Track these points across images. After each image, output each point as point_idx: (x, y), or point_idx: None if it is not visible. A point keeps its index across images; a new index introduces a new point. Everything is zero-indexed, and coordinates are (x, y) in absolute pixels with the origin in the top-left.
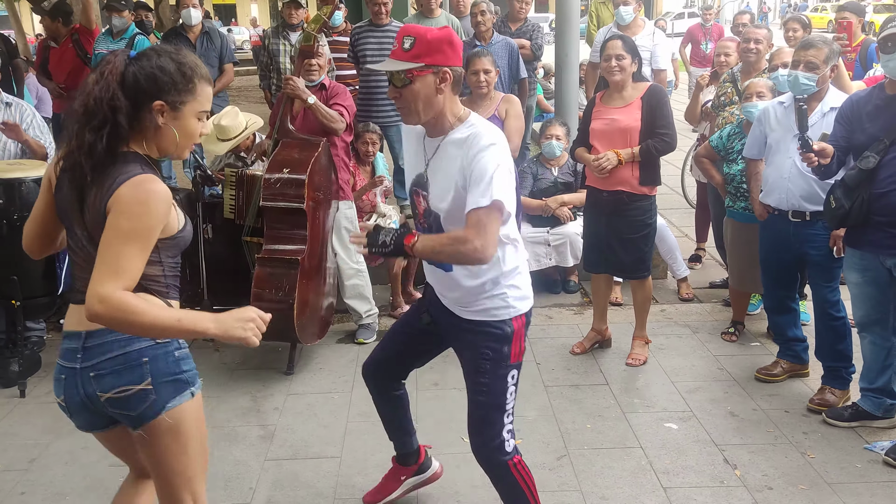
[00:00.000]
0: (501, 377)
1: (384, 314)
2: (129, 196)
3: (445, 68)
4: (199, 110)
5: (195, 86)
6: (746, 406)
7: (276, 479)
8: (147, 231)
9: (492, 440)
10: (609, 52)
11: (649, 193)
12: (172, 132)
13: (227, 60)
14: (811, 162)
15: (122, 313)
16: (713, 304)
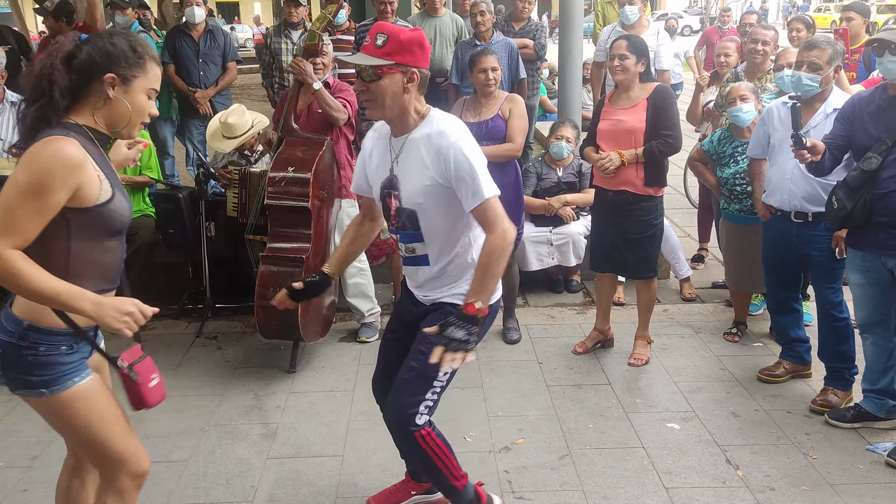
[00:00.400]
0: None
1: (386, 313)
2: (33, 152)
3: (414, 69)
4: (149, 87)
5: (146, 62)
6: (749, 406)
7: (279, 478)
8: (43, 188)
9: (406, 406)
10: (613, 52)
11: (654, 194)
12: (124, 105)
13: (230, 58)
14: (803, 159)
15: (8, 273)
16: (715, 304)
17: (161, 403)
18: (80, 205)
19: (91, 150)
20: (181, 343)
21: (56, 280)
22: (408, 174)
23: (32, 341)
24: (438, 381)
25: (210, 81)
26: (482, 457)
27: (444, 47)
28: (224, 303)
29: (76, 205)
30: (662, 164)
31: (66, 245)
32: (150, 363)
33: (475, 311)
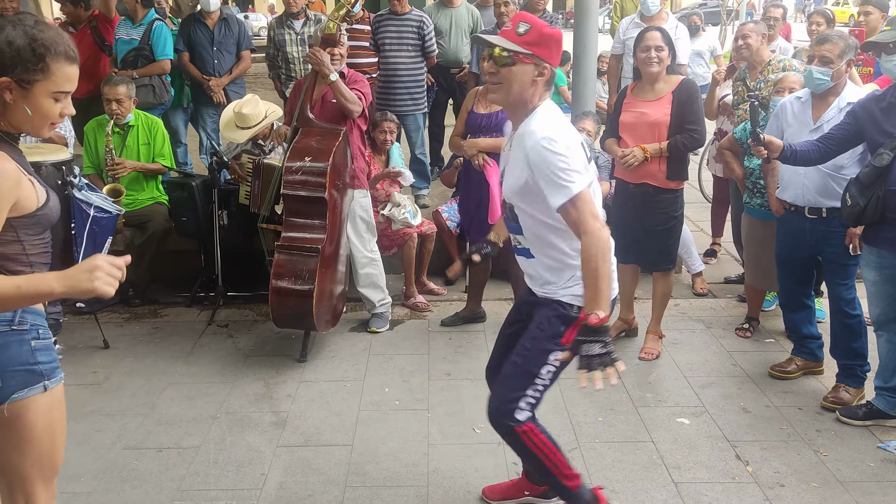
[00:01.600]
0: (544, 351)
1: (397, 304)
2: None
3: (546, 64)
4: (54, 90)
5: (47, 65)
6: (759, 402)
7: (288, 466)
8: None
9: (507, 401)
10: (648, 44)
11: (676, 188)
12: (24, 110)
13: (244, 47)
14: (760, 155)
15: None
16: (728, 299)
17: (172, 390)
18: (23, 213)
19: (13, 155)
20: (193, 330)
21: (9, 277)
22: (509, 168)
23: (32, 324)
24: (541, 379)
25: (224, 70)
26: (491, 448)
27: (459, 38)
28: (236, 291)
29: (19, 214)
30: (685, 158)
31: (21, 245)
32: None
33: (598, 322)
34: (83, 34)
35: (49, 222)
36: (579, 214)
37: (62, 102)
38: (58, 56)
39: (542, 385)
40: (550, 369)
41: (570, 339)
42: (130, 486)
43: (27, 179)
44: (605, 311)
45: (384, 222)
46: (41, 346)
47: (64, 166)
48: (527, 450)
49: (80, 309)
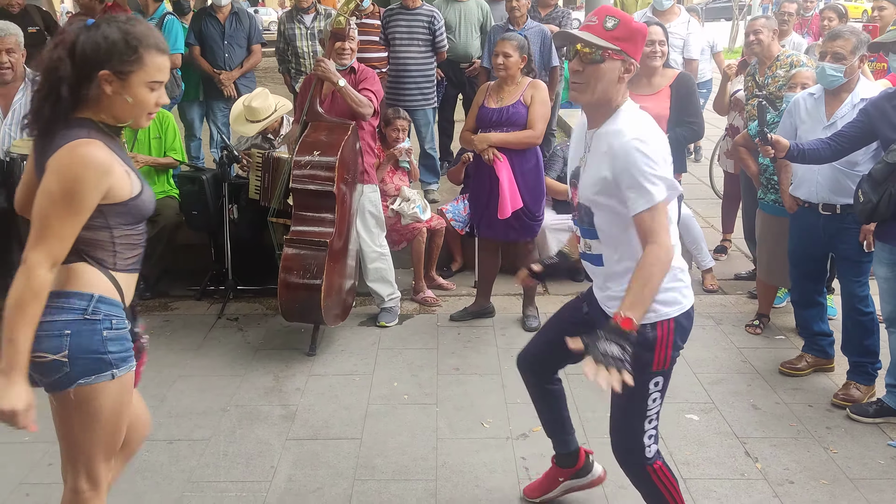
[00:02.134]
0: (642, 383)
1: (406, 298)
2: (60, 159)
3: (633, 60)
4: (149, 80)
5: (141, 56)
6: (769, 399)
7: (297, 459)
8: (74, 195)
9: (630, 444)
10: (652, 38)
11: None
12: (124, 101)
13: (255, 41)
14: (767, 154)
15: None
16: (738, 295)
17: (182, 382)
18: (114, 201)
19: (112, 146)
20: (203, 324)
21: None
22: (590, 168)
23: (105, 314)
24: (651, 410)
25: (235, 63)
26: (500, 443)
27: (469, 32)
28: (246, 284)
29: (111, 201)
30: (683, 151)
31: (110, 233)
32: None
33: (630, 327)
34: None
35: (140, 214)
36: (654, 224)
37: (157, 92)
38: (149, 47)
39: (656, 413)
40: (655, 397)
41: (661, 359)
42: (141, 476)
43: (122, 169)
44: (639, 319)
45: (393, 217)
46: (113, 336)
47: None
48: (656, 489)
49: None
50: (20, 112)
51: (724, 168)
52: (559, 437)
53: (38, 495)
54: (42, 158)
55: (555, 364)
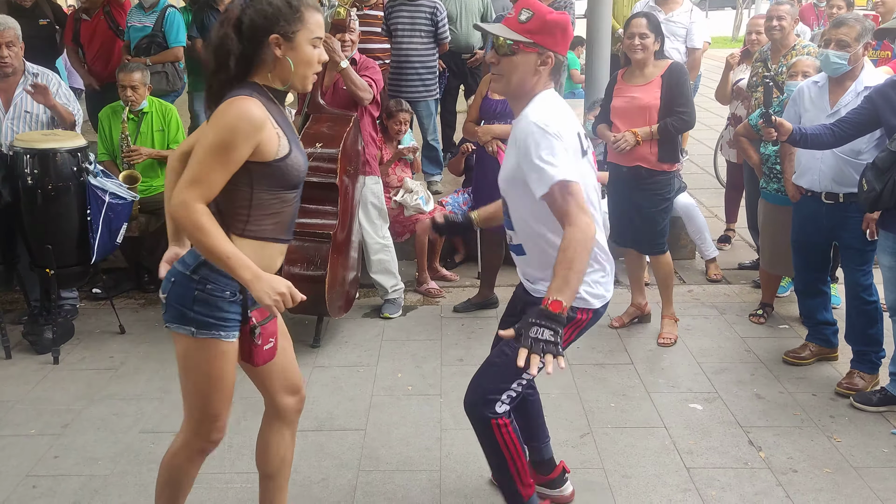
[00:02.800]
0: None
1: (410, 289)
2: (219, 111)
3: (550, 52)
4: (312, 37)
5: (303, 14)
6: (773, 389)
7: (302, 450)
8: (227, 145)
9: (486, 392)
10: (633, 31)
11: (668, 170)
12: (289, 64)
13: None
14: (769, 137)
15: (193, 224)
16: (742, 285)
17: None
18: (261, 159)
19: (270, 108)
20: None
21: (229, 243)
22: (504, 157)
23: (203, 276)
24: (527, 374)
25: None
26: None
27: (470, 23)
28: None
29: (257, 159)
30: (676, 141)
31: (249, 192)
32: (273, 326)
33: (559, 310)
34: (97, 21)
35: (285, 179)
36: (565, 204)
37: (318, 49)
38: (308, 6)
39: (527, 380)
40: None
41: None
42: (147, 468)
43: (274, 130)
44: (567, 302)
45: (396, 208)
46: (202, 299)
47: (79, 153)
48: (496, 445)
49: (96, 295)
50: (21, 106)
51: (727, 158)
52: (531, 443)
53: (45, 487)
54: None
55: None
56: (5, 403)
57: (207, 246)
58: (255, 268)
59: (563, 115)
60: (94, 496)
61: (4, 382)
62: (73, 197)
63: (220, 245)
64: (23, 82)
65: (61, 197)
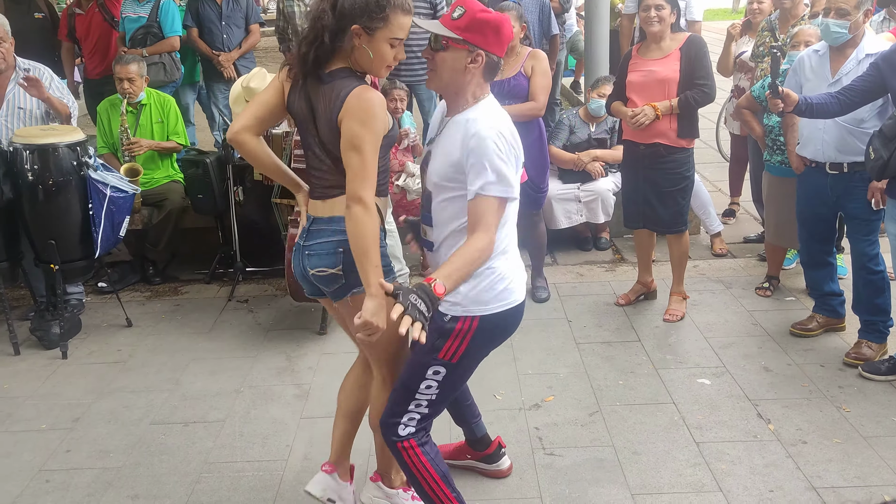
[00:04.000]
0: (421, 364)
1: (415, 274)
2: (357, 107)
3: (480, 51)
4: (391, 37)
5: (388, 14)
6: (781, 361)
7: (312, 437)
8: (376, 135)
9: (387, 416)
10: (648, 3)
11: (687, 146)
12: (367, 53)
13: (252, 21)
14: (776, 108)
15: (362, 221)
16: (747, 258)
17: (195, 365)
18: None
19: None
20: (214, 307)
21: (378, 248)
22: (438, 153)
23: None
24: (422, 395)
25: (233, 44)
26: (512, 414)
27: None
28: (254, 266)
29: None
30: (695, 115)
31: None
32: None
33: (439, 294)
34: (92, 14)
35: (390, 144)
36: (487, 215)
37: (396, 48)
38: (396, 8)
39: (427, 399)
40: (430, 384)
41: (451, 351)
42: (159, 459)
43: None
44: (448, 290)
45: (399, 193)
46: (385, 254)
47: (79, 147)
48: (406, 467)
49: (101, 289)
50: (14, 102)
51: (731, 130)
52: (462, 425)
53: (58, 481)
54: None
55: None
56: (16, 399)
57: (366, 248)
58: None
59: (514, 131)
60: (108, 488)
61: (14, 378)
62: (75, 191)
63: (377, 252)
64: (14, 78)
65: (62, 192)
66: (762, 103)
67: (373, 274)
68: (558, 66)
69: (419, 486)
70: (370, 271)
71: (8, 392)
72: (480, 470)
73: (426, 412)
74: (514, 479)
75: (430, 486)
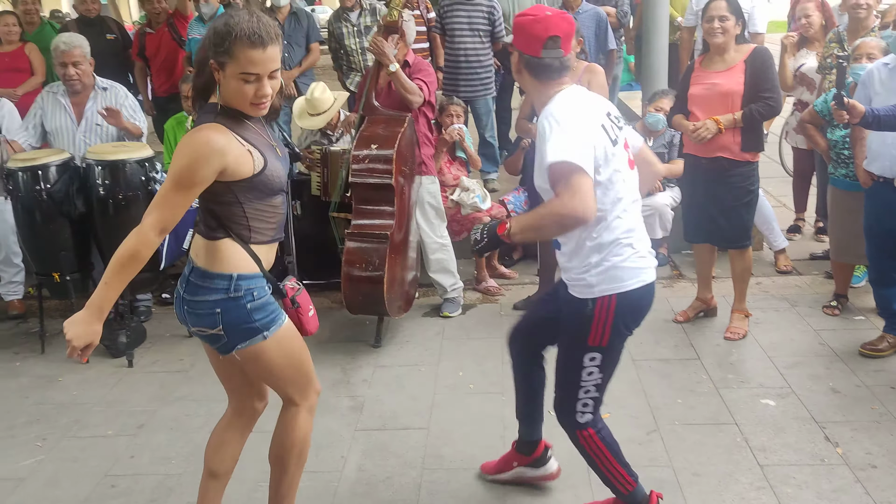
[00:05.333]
0: (578, 356)
1: (469, 288)
2: (183, 141)
3: (517, 52)
4: (240, 72)
5: (231, 48)
6: (849, 382)
7: (366, 449)
8: (187, 173)
9: (564, 406)
10: (712, 14)
11: (752, 160)
12: (227, 88)
13: (313, 40)
14: (841, 119)
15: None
16: (814, 276)
17: None
18: (240, 178)
19: (237, 127)
20: None
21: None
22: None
23: (245, 288)
24: (586, 383)
25: (294, 63)
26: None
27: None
28: (311, 279)
29: (235, 178)
30: (760, 128)
31: (241, 208)
32: (306, 296)
33: (501, 232)
34: (161, 33)
35: (269, 188)
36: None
37: (254, 84)
38: (239, 41)
39: (593, 385)
40: (591, 371)
41: (597, 334)
42: None
43: (244, 149)
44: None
45: (453, 207)
46: (256, 307)
47: (147, 163)
48: (587, 454)
49: (165, 299)
50: (92, 119)
51: (794, 144)
52: (524, 421)
53: (123, 486)
54: None
55: (538, 339)
56: (84, 406)
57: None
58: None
59: (582, 106)
60: (170, 494)
61: (83, 385)
62: (142, 205)
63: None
64: (93, 96)
65: (131, 206)
66: (825, 117)
67: (100, 288)
68: (615, 81)
69: (597, 469)
70: (99, 293)
71: (77, 399)
72: (528, 478)
73: (596, 395)
74: (569, 495)
75: (608, 467)
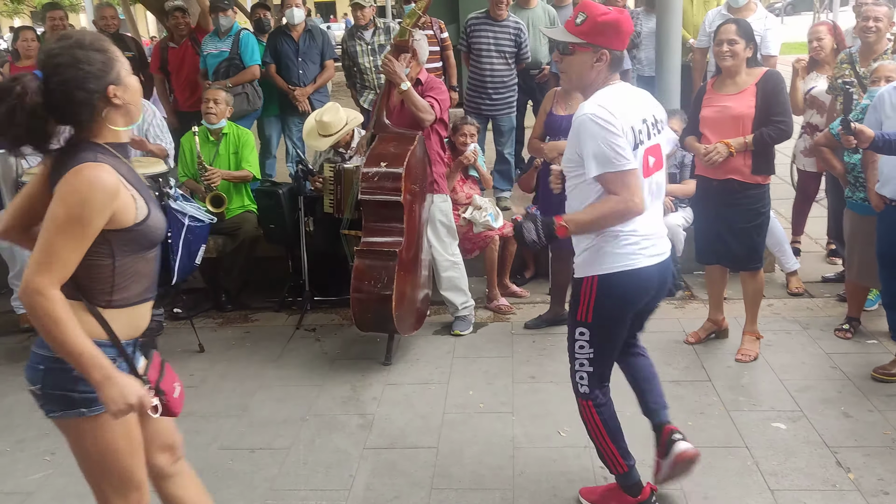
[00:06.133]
0: (571, 331)
1: (480, 306)
2: (67, 184)
3: (604, 49)
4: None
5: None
6: (862, 406)
7: (375, 468)
8: (80, 220)
9: (572, 376)
10: (721, 37)
11: (763, 182)
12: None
13: (327, 57)
14: (848, 144)
15: (48, 315)
16: (825, 298)
17: (263, 392)
18: (119, 227)
19: (120, 168)
20: (282, 335)
21: (83, 338)
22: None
23: None
24: (579, 355)
25: (309, 79)
26: (577, 452)
27: (537, 38)
28: (322, 296)
29: (115, 227)
30: (771, 152)
31: (111, 263)
32: (170, 373)
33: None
34: (185, 48)
35: (148, 240)
36: (611, 186)
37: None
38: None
39: (586, 359)
40: (582, 345)
41: (582, 311)
42: (226, 485)
43: (129, 193)
44: (570, 232)
45: (465, 225)
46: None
47: (160, 178)
48: (585, 423)
49: (177, 314)
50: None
51: (801, 166)
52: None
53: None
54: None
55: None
56: None
57: (60, 340)
58: (109, 368)
59: (622, 104)
60: None
61: None
62: None
63: (74, 341)
64: None
65: None
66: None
67: (85, 366)
68: None
69: (594, 441)
70: (81, 364)
71: None
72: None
73: (590, 370)
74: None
75: (601, 443)
